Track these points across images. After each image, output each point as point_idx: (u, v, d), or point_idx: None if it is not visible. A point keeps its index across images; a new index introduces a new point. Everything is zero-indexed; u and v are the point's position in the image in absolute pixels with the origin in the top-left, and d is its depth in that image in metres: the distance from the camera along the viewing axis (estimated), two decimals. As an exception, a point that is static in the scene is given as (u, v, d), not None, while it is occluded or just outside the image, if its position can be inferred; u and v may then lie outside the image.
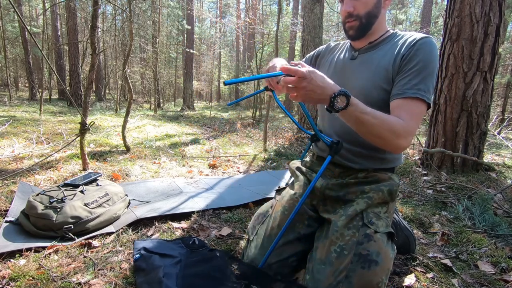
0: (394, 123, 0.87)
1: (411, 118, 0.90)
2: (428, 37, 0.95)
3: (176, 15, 13.25)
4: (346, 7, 1.01)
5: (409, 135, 0.89)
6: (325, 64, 1.20)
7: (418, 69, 0.92)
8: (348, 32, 1.05)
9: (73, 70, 8.89)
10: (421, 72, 0.92)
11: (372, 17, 1.01)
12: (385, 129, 0.86)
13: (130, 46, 3.12)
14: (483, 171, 2.52)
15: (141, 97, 15.93)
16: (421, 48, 0.93)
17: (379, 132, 0.86)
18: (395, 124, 0.87)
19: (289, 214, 1.06)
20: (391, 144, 0.89)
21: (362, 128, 0.87)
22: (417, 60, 0.93)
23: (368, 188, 1.00)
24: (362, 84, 1.02)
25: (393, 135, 0.87)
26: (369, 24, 1.02)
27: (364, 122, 0.85)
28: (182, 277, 0.99)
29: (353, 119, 0.85)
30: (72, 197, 1.40)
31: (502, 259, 1.28)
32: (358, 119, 0.84)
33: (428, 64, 0.92)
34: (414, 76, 0.92)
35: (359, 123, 0.85)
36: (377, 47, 1.05)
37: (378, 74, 0.99)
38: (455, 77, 2.50)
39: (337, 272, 0.85)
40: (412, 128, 0.90)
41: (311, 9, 4.32)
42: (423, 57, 0.92)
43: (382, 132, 0.86)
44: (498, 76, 8.68)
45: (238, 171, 2.79)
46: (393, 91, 0.96)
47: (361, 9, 0.99)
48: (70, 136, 3.42)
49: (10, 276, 1.03)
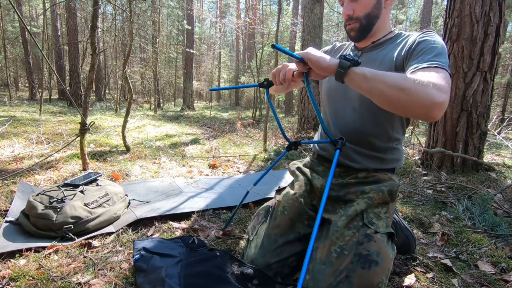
0: (422, 75, 0.76)
1: (439, 82, 0.75)
2: (430, 31, 0.97)
3: (176, 15, 13.25)
4: (345, 10, 1.02)
5: (445, 90, 0.73)
6: None
7: (429, 48, 0.88)
8: (350, 34, 1.06)
9: (73, 70, 8.89)
10: (432, 50, 0.87)
11: (373, 18, 1.02)
12: (411, 80, 0.73)
13: (130, 46, 3.12)
14: (483, 171, 2.52)
15: (141, 97, 15.93)
16: (427, 35, 0.94)
17: (403, 85, 0.73)
18: (423, 76, 0.75)
19: (289, 214, 1.06)
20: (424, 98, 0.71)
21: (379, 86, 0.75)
22: (425, 43, 0.91)
23: (368, 188, 1.00)
24: None
25: (425, 87, 0.71)
26: (370, 25, 1.02)
27: (379, 77, 0.75)
28: (184, 277, 0.99)
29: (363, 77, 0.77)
30: (72, 197, 1.40)
31: (502, 259, 1.28)
32: (371, 75, 0.77)
33: (437, 45, 0.89)
34: (425, 54, 0.87)
35: (373, 80, 0.76)
36: (381, 46, 1.05)
37: (381, 68, 0.99)
38: (455, 77, 2.50)
39: (337, 272, 0.85)
40: (446, 85, 0.75)
41: (311, 9, 4.32)
42: (430, 39, 0.91)
43: (406, 85, 0.73)
44: (498, 76, 8.68)
45: (238, 171, 2.79)
46: (406, 72, 0.88)
47: (360, 11, 1.00)
48: (70, 136, 3.42)
49: (10, 276, 1.03)
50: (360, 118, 1.04)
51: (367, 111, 1.02)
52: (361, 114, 1.04)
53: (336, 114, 1.11)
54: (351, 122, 1.06)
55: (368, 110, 1.02)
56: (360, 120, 1.04)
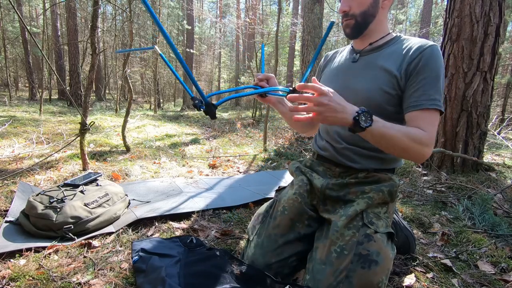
0: (417, 134, 0.89)
1: (432, 128, 0.92)
2: (434, 45, 0.96)
3: (176, 15, 13.25)
4: (342, 6, 1.02)
5: (432, 144, 0.92)
6: (327, 72, 1.20)
7: (432, 79, 0.93)
8: (345, 31, 1.06)
9: (73, 70, 8.89)
10: (435, 82, 0.93)
11: (369, 17, 1.02)
12: (411, 139, 0.87)
13: (130, 46, 3.12)
14: (483, 171, 2.52)
15: (141, 97, 15.93)
16: (431, 57, 0.94)
17: (405, 144, 0.87)
18: (418, 134, 0.89)
19: (289, 214, 1.06)
20: (417, 154, 0.90)
21: (388, 143, 0.87)
22: (429, 70, 0.93)
23: (368, 188, 1.00)
24: (365, 87, 1.02)
25: (419, 145, 0.89)
26: (365, 23, 1.02)
27: (389, 137, 0.85)
28: (183, 276, 0.99)
29: (378, 136, 0.85)
30: (72, 197, 1.40)
31: (502, 259, 1.28)
32: (384, 135, 0.85)
33: (439, 74, 0.93)
34: (429, 87, 0.93)
35: (384, 138, 0.86)
36: (380, 49, 1.05)
37: (382, 77, 0.99)
38: (455, 77, 2.50)
39: (337, 272, 0.85)
40: (434, 137, 0.92)
41: (311, 9, 4.32)
42: (434, 66, 0.93)
43: (408, 144, 0.87)
44: (498, 76, 8.69)
45: (238, 171, 2.79)
46: (408, 102, 0.96)
47: (356, 9, 1.01)
48: (70, 136, 3.42)
49: (10, 276, 1.03)
50: None
51: None
52: None
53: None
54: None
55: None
56: None
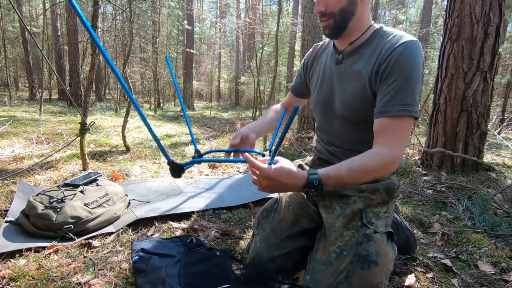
0: (377, 161, 0.86)
1: (397, 141, 0.88)
2: (410, 41, 0.89)
3: (176, 15, 13.26)
4: (318, 6, 0.96)
5: (398, 157, 0.88)
6: (314, 74, 1.18)
7: (402, 81, 0.87)
8: (325, 32, 1.01)
9: (73, 70, 8.89)
10: (406, 85, 0.86)
11: (347, 14, 0.96)
12: (373, 170, 0.86)
13: (130, 46, 3.12)
14: (483, 171, 2.52)
15: (141, 97, 15.92)
16: (401, 57, 0.87)
17: (369, 176, 0.88)
18: (378, 162, 0.86)
19: (293, 209, 1.08)
20: (384, 174, 0.95)
21: (353, 183, 0.90)
22: (398, 72, 0.87)
23: (364, 186, 1.00)
24: (346, 96, 1.01)
25: (383, 169, 0.88)
26: (344, 22, 0.96)
27: (350, 181, 0.86)
28: (183, 276, 0.99)
29: (339, 185, 0.89)
30: (72, 197, 1.40)
31: (502, 259, 1.28)
32: (344, 183, 0.86)
33: (410, 74, 0.87)
34: (396, 91, 0.87)
35: (346, 184, 0.89)
36: (360, 50, 1.00)
37: (360, 86, 0.97)
38: (455, 77, 2.50)
39: (336, 272, 0.85)
40: (400, 151, 0.88)
41: (311, 9, 4.32)
42: (405, 66, 0.87)
43: (371, 175, 0.88)
44: (498, 76, 8.68)
45: (238, 171, 2.79)
46: (377, 108, 0.91)
47: (333, 7, 0.94)
48: (70, 136, 3.42)
49: (10, 276, 1.03)
50: (349, 127, 1.05)
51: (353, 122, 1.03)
52: (349, 124, 1.05)
53: (325, 122, 1.13)
54: (340, 131, 1.07)
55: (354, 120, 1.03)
56: (351, 129, 1.05)
